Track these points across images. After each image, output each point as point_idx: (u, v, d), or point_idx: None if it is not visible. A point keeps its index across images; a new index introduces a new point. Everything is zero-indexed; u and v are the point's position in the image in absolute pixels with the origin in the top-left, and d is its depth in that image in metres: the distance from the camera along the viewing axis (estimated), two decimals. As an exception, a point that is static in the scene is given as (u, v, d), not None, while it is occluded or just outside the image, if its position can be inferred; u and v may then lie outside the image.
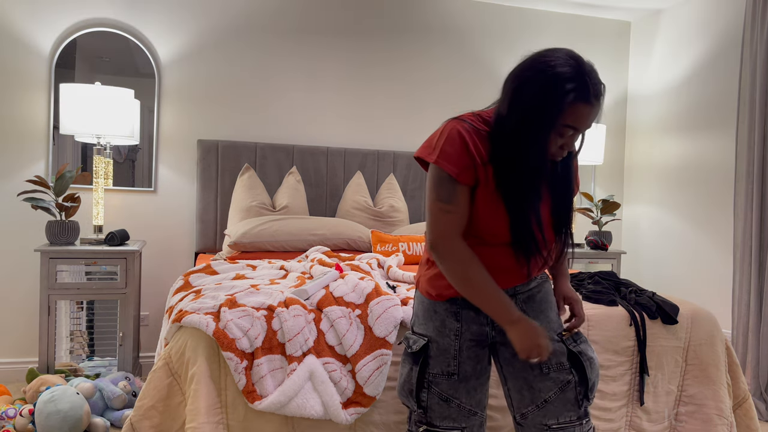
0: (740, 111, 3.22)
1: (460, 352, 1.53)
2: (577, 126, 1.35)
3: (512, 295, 1.54)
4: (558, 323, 1.58)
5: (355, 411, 1.85)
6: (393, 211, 3.62)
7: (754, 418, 2.34)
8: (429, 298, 1.57)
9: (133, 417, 1.78)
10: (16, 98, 3.29)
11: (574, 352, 1.53)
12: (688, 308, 2.33)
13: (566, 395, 1.51)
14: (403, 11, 3.91)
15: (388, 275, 2.60)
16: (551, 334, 1.55)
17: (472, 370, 1.54)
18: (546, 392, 1.51)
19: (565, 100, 1.31)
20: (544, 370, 1.51)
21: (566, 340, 1.54)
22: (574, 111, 1.33)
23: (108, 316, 3.05)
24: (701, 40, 3.76)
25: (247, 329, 1.85)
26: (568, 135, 1.38)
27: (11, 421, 2.47)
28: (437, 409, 1.53)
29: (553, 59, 1.34)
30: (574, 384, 1.51)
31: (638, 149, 4.28)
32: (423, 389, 1.54)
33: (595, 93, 1.33)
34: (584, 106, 1.33)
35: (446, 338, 1.53)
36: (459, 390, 1.53)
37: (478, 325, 1.54)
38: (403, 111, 3.94)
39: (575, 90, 1.31)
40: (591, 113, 1.35)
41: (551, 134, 1.36)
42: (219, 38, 3.60)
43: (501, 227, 1.46)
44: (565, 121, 1.34)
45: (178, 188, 3.57)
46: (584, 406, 1.52)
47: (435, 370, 1.53)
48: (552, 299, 1.61)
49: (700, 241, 3.74)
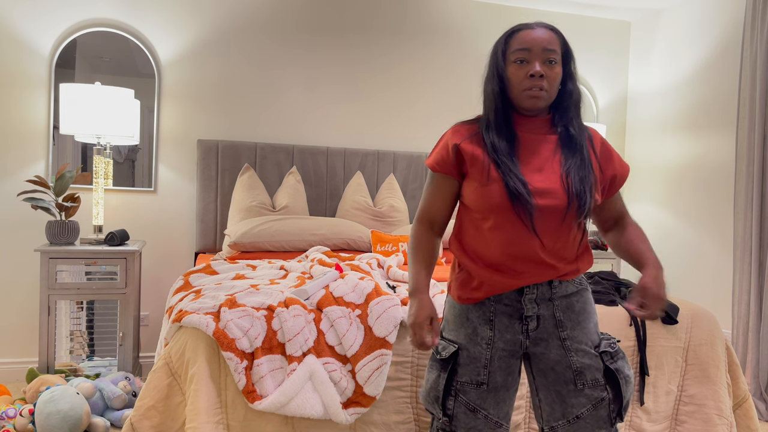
0: (740, 111, 3.22)
1: (491, 362, 1.48)
2: (525, 47, 1.44)
3: (549, 299, 1.48)
4: (595, 335, 1.52)
5: (355, 411, 1.85)
6: (393, 211, 3.62)
7: (754, 418, 2.34)
8: (460, 303, 1.52)
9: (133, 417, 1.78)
10: (16, 98, 3.29)
11: (611, 369, 1.47)
12: (688, 308, 2.33)
13: (599, 413, 1.46)
14: (403, 11, 3.91)
15: (388, 275, 2.60)
16: (587, 348, 1.48)
17: (503, 380, 1.49)
18: (579, 408, 1.46)
19: (505, 38, 1.49)
20: (579, 386, 1.46)
21: (603, 356, 1.48)
22: (517, 38, 1.46)
23: (108, 316, 3.05)
24: (701, 40, 3.76)
25: (247, 329, 1.85)
26: (526, 60, 1.44)
27: (11, 421, 2.47)
28: (463, 419, 1.49)
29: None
30: (608, 401, 1.46)
31: (638, 149, 4.28)
32: (450, 397, 1.49)
33: (533, 23, 1.47)
34: (525, 32, 1.45)
35: (477, 346, 1.49)
36: (487, 400, 1.49)
37: (512, 333, 1.49)
38: (403, 111, 3.94)
39: (512, 29, 1.49)
40: (536, 35, 1.44)
41: (509, 66, 1.46)
42: (219, 38, 3.60)
43: (498, 191, 1.42)
44: (512, 48, 1.46)
45: (178, 188, 3.57)
46: (616, 424, 1.48)
47: (464, 378, 1.49)
48: (591, 309, 1.54)
49: (700, 241, 3.73)
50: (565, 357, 1.47)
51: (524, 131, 1.50)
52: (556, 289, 1.48)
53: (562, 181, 1.44)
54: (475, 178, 1.46)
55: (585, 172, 1.45)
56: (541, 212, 1.42)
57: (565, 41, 1.49)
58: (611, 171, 1.54)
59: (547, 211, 1.42)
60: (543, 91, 1.43)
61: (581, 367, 1.47)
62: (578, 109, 1.52)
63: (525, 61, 1.44)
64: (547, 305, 1.48)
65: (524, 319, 1.48)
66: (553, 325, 1.48)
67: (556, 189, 1.43)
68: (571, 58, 1.50)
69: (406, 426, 1.95)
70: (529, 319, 1.48)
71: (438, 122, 4.01)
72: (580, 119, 1.52)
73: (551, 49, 1.44)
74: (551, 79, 1.44)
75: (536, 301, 1.48)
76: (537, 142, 1.49)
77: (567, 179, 1.43)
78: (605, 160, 1.54)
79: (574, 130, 1.49)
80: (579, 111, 1.52)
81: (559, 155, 1.47)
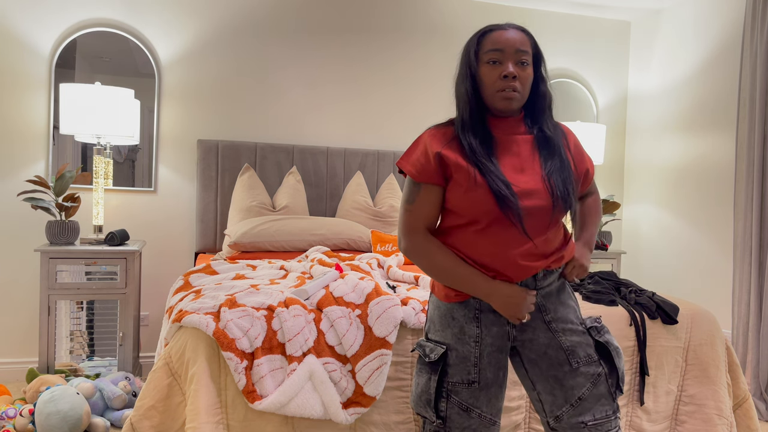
0: (740, 111, 3.22)
1: (481, 359, 1.48)
2: (498, 47, 1.44)
3: (533, 288, 1.50)
4: (578, 313, 1.55)
5: (355, 411, 1.85)
6: (393, 211, 3.62)
7: (754, 418, 2.34)
8: (447, 302, 1.52)
9: (133, 417, 1.78)
10: (16, 98, 3.30)
11: (601, 342, 1.50)
12: (688, 308, 2.33)
13: (599, 389, 1.48)
14: (403, 11, 3.91)
15: (388, 275, 2.60)
16: (574, 326, 1.51)
17: (494, 377, 1.50)
18: (579, 389, 1.47)
19: (478, 38, 1.49)
20: (573, 365, 1.47)
21: (591, 331, 1.51)
22: (489, 38, 1.47)
23: (108, 316, 3.05)
24: (701, 40, 3.76)
25: (247, 329, 1.85)
26: (498, 61, 1.45)
27: (11, 421, 2.47)
28: (457, 420, 1.48)
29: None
30: (604, 376, 1.48)
31: (638, 149, 4.28)
32: (442, 399, 1.49)
33: (505, 24, 1.49)
34: (498, 33, 1.46)
35: (466, 345, 1.48)
36: (480, 399, 1.48)
37: (499, 326, 1.50)
38: (403, 111, 3.94)
39: (483, 30, 1.50)
40: (508, 35, 1.46)
41: (482, 67, 1.47)
42: (219, 38, 3.60)
43: (485, 196, 1.43)
44: (485, 49, 1.46)
45: (178, 188, 3.57)
46: (617, 398, 1.50)
47: (454, 378, 1.48)
48: (570, 290, 1.57)
49: (700, 241, 3.74)
50: (554, 338, 1.50)
51: (499, 132, 1.51)
52: (540, 281, 1.51)
53: (545, 183, 1.46)
54: (460, 183, 1.46)
55: (566, 174, 1.48)
56: (529, 213, 1.44)
57: (536, 43, 1.51)
58: (583, 166, 1.59)
59: (535, 211, 1.45)
60: (516, 92, 1.45)
61: (572, 345, 1.49)
62: (551, 110, 1.55)
63: (497, 62, 1.45)
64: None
65: None
66: (537, 311, 1.51)
67: (540, 189, 1.45)
68: (541, 59, 1.52)
69: (406, 426, 1.95)
70: None
71: (438, 122, 4.00)
72: (552, 119, 1.56)
73: (523, 50, 1.46)
74: (524, 80, 1.46)
75: None
76: (513, 142, 1.50)
77: (550, 182, 1.46)
78: (578, 157, 1.58)
79: (549, 131, 1.52)
80: (551, 112, 1.56)
81: (538, 156, 1.49)
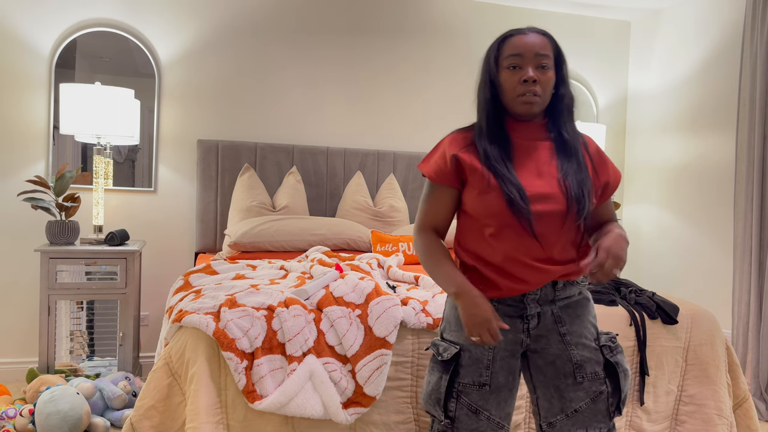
0: (740, 111, 3.22)
1: (494, 363, 1.48)
2: (517, 52, 1.44)
3: (551, 300, 1.49)
4: (594, 330, 1.53)
5: (355, 411, 1.85)
6: (393, 211, 3.62)
7: (754, 418, 2.34)
8: None
9: (133, 417, 1.78)
10: (16, 98, 3.29)
11: (611, 362, 1.48)
12: (688, 308, 2.33)
13: (598, 406, 1.47)
14: (403, 11, 3.91)
15: (388, 275, 2.60)
16: (587, 341, 1.49)
17: (505, 381, 1.50)
18: (577, 402, 1.47)
19: (498, 44, 1.50)
20: (578, 379, 1.47)
21: (603, 349, 1.49)
22: (509, 44, 1.47)
23: (108, 316, 3.05)
24: (701, 40, 3.76)
25: (247, 329, 1.85)
26: (518, 66, 1.45)
27: (11, 421, 2.47)
28: (465, 421, 1.49)
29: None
30: (606, 395, 1.47)
31: (638, 149, 4.28)
32: (452, 399, 1.49)
33: (525, 28, 1.48)
34: (517, 37, 1.46)
35: (479, 347, 1.49)
36: (489, 401, 1.49)
37: (514, 333, 1.50)
38: (403, 111, 3.94)
39: (503, 35, 1.50)
40: (528, 40, 1.45)
41: (502, 72, 1.47)
42: (219, 38, 3.60)
43: (497, 199, 1.43)
44: (505, 54, 1.47)
45: (178, 188, 3.57)
46: (614, 417, 1.49)
47: (466, 379, 1.49)
48: (590, 307, 1.55)
49: (700, 241, 3.74)
50: (566, 351, 1.49)
51: (519, 137, 1.51)
52: (559, 292, 1.49)
53: (560, 185, 1.45)
54: (474, 186, 1.47)
55: (582, 176, 1.47)
56: (540, 217, 1.43)
57: (558, 46, 1.50)
58: (605, 177, 1.55)
59: (547, 216, 1.44)
60: (536, 96, 1.44)
61: (581, 360, 1.48)
62: (572, 113, 1.53)
63: (517, 66, 1.45)
64: (549, 305, 1.50)
65: (525, 318, 1.49)
66: (553, 322, 1.50)
67: (556, 194, 1.44)
68: (563, 62, 1.51)
69: (406, 426, 1.95)
70: (530, 317, 1.49)
71: (438, 122, 4.01)
72: (573, 124, 1.54)
73: (543, 54, 1.45)
74: (544, 84, 1.45)
75: (539, 302, 1.49)
76: (533, 148, 1.50)
77: (565, 183, 1.45)
78: (600, 166, 1.55)
79: (567, 135, 1.51)
80: (572, 115, 1.54)
81: (556, 160, 1.48)
